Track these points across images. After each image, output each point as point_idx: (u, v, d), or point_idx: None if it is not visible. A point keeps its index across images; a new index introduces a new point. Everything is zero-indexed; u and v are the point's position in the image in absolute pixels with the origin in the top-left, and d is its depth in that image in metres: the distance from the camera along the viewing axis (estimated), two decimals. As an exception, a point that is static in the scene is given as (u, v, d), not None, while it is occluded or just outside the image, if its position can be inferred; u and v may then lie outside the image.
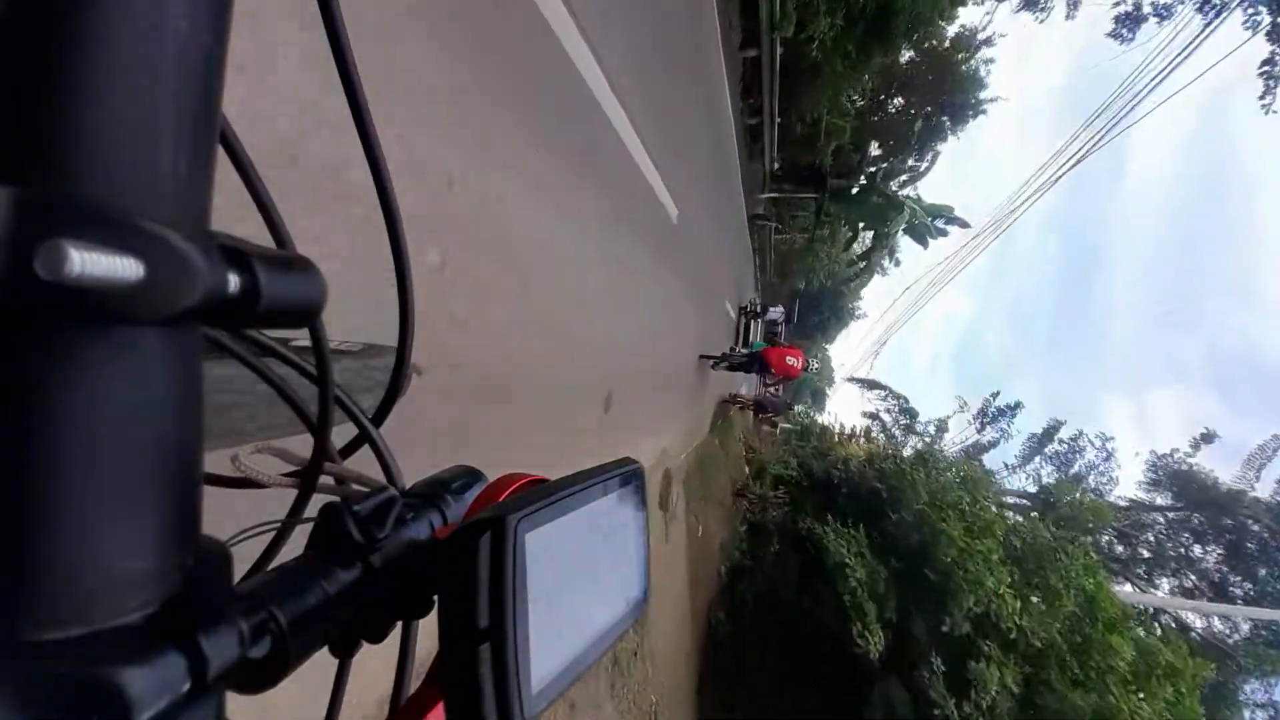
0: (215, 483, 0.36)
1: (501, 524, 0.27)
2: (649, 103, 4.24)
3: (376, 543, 0.32)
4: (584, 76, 3.01)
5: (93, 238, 0.16)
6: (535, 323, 2.76)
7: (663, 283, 5.71)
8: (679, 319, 7.05)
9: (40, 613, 0.19)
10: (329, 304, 0.25)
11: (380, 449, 0.42)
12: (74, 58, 0.17)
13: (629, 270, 4.40)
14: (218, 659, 0.22)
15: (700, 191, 7.33)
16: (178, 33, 0.19)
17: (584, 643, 0.33)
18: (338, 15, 0.30)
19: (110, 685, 0.18)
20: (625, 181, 4.06)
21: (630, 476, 0.38)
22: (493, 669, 0.27)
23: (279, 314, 0.22)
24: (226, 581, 0.25)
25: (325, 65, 0.32)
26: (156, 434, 0.21)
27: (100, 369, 0.19)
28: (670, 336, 6.51)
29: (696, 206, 6.80)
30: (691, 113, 6.43)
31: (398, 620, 0.34)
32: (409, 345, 0.39)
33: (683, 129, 5.92)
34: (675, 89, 5.47)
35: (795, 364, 9.18)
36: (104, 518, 0.20)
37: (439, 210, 1.93)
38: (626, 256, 4.27)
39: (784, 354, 9.37)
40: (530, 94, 2.50)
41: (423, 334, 0.40)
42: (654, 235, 5.10)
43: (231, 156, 0.30)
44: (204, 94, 0.21)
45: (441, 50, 1.87)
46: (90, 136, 0.18)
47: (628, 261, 4.32)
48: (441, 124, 1.91)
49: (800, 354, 9.42)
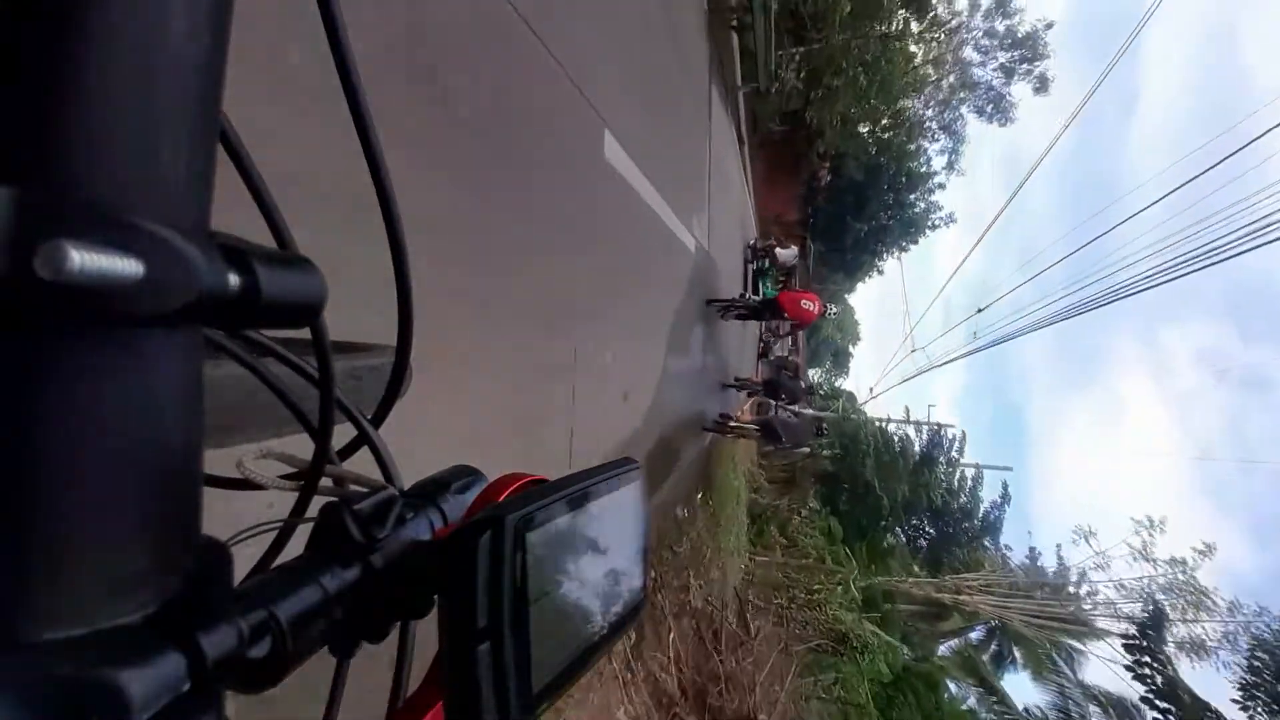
0: (215, 484, 0.36)
1: (501, 524, 0.27)
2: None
3: (376, 543, 0.32)
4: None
5: (93, 237, 0.16)
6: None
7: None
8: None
9: (40, 613, 0.19)
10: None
11: (379, 450, 0.42)
12: (74, 58, 0.17)
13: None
14: (218, 659, 0.22)
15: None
16: (178, 33, 0.19)
17: (584, 643, 0.33)
18: (338, 15, 0.30)
19: (110, 685, 0.18)
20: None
21: (630, 476, 0.38)
22: (492, 669, 0.27)
23: (279, 313, 0.22)
24: (226, 581, 0.25)
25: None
26: (156, 434, 0.21)
27: (100, 369, 0.19)
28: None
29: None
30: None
31: (398, 620, 0.34)
32: (409, 345, 0.39)
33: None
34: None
35: (811, 307, 8.32)
36: (104, 518, 0.20)
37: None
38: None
39: (799, 298, 8.50)
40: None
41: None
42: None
43: (232, 156, 0.30)
44: (204, 94, 0.21)
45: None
46: (90, 136, 0.18)
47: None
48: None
49: (816, 297, 8.59)
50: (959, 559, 16.73)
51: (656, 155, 5.07)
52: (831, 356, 39.97)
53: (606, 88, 3.66)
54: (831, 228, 20.35)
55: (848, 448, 15.91)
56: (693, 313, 7.09)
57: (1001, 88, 20.60)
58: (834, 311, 11.19)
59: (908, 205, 21.14)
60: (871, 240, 21.30)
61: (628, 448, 4.24)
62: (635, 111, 4.46)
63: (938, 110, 21.58)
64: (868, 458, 15.68)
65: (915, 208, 21.55)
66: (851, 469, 15.48)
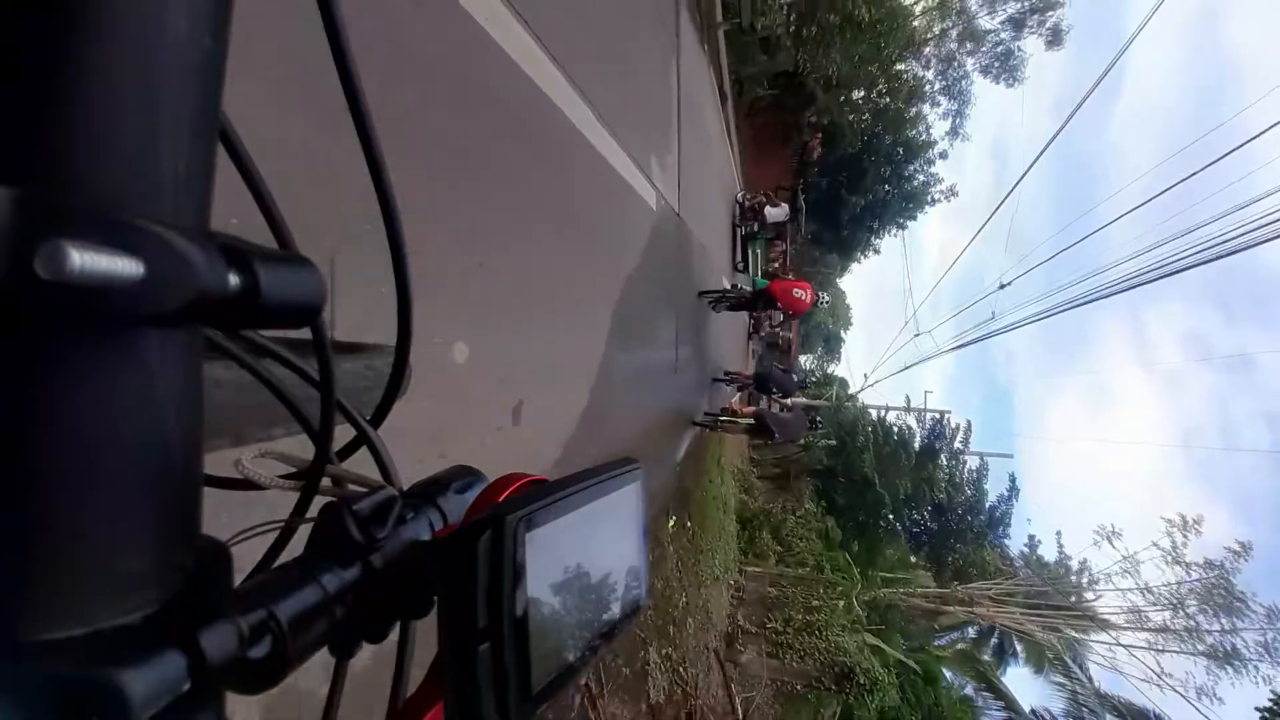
0: (215, 484, 0.36)
1: (501, 524, 0.27)
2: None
3: (376, 543, 0.32)
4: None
5: (93, 238, 0.16)
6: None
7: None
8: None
9: (40, 613, 0.19)
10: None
11: (379, 451, 0.42)
12: (75, 59, 0.17)
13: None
14: (218, 659, 0.22)
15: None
16: (178, 33, 0.19)
17: (584, 643, 0.33)
18: (338, 15, 0.30)
19: (110, 685, 0.18)
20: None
21: (630, 477, 0.38)
22: (492, 669, 0.27)
23: (279, 313, 0.22)
24: (226, 581, 0.25)
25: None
26: (156, 434, 0.21)
27: (100, 369, 0.19)
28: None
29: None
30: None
31: (397, 620, 0.34)
32: (408, 345, 0.39)
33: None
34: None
35: (803, 296, 8.27)
36: (104, 518, 0.20)
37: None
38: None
39: (790, 286, 8.44)
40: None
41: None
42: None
43: (233, 155, 0.30)
44: (204, 94, 0.21)
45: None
46: (91, 137, 0.18)
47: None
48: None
49: (808, 286, 8.59)
50: (962, 556, 16.10)
51: (597, 70, 3.52)
52: (823, 342, 38.17)
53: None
54: (825, 204, 18.54)
55: (845, 441, 15.37)
56: (659, 289, 5.44)
57: (1011, 42, 18.82)
58: (826, 300, 10.42)
59: (906, 178, 19.68)
60: (868, 216, 19.84)
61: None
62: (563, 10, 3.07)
63: (940, 70, 19.57)
64: (866, 451, 15.07)
65: (914, 180, 19.97)
66: (849, 463, 14.98)
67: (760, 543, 10.32)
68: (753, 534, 10.48)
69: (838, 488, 15.10)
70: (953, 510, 16.94)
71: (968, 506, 17.16)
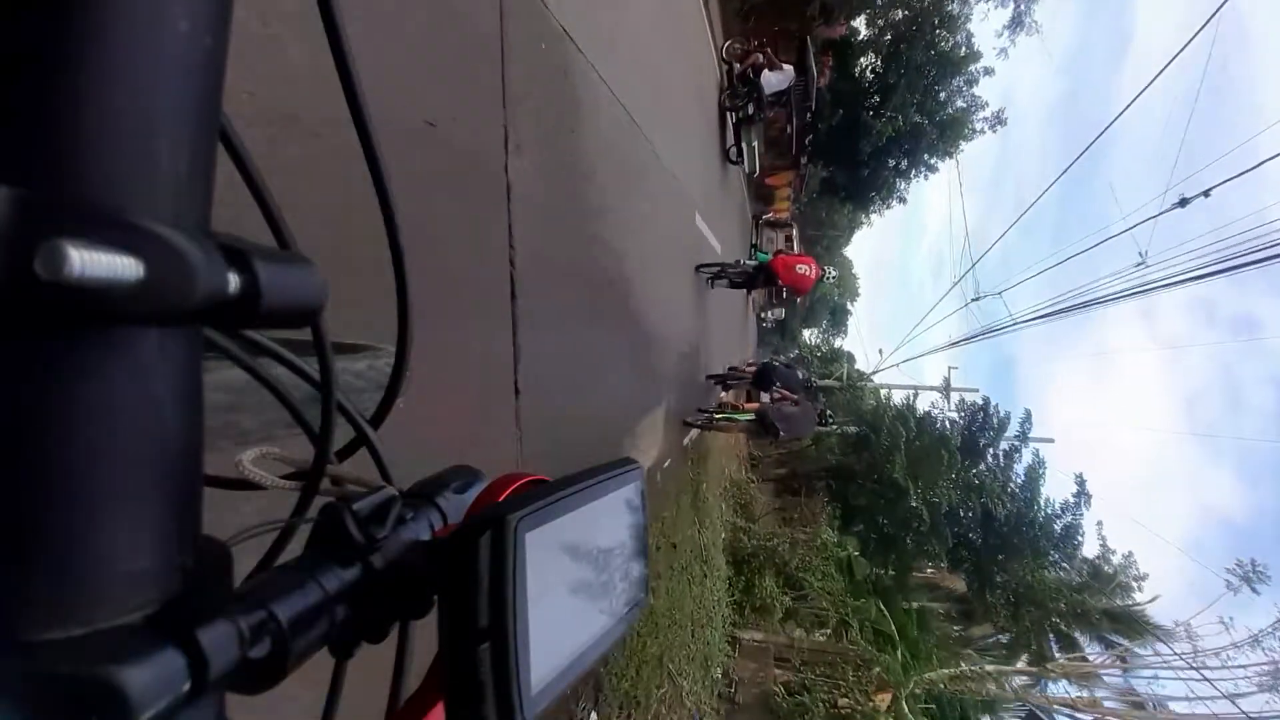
0: (215, 484, 0.36)
1: (501, 523, 0.27)
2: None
3: (376, 543, 0.32)
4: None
5: (93, 238, 0.16)
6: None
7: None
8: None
9: (40, 613, 0.19)
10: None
11: (378, 452, 0.42)
12: (74, 58, 0.17)
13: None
14: (218, 659, 0.22)
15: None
16: (178, 33, 0.19)
17: (584, 642, 0.33)
18: (338, 15, 0.30)
19: (110, 685, 0.18)
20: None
21: (630, 476, 0.38)
22: (493, 669, 0.27)
23: (280, 314, 0.22)
24: (227, 581, 0.25)
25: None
26: (156, 434, 0.21)
27: (100, 369, 0.19)
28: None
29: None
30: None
31: (397, 620, 0.34)
32: (408, 345, 0.39)
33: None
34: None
35: (807, 272, 7.46)
36: (104, 518, 0.20)
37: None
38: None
39: (793, 262, 7.62)
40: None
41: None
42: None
43: (233, 155, 0.30)
44: (204, 93, 0.21)
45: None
46: (90, 136, 0.18)
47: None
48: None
49: (812, 261, 7.76)
50: (1015, 578, 12.32)
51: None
52: (829, 315, 34.86)
53: None
54: (838, 138, 14.33)
55: (867, 438, 12.00)
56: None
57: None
58: (831, 275, 8.26)
59: (939, 104, 14.56)
60: (894, 149, 14.94)
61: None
62: None
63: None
64: (895, 451, 11.63)
65: (950, 105, 14.89)
66: (872, 464, 11.53)
67: (761, 590, 7.81)
68: (750, 580, 7.93)
69: (858, 493, 11.75)
70: (1002, 519, 13.00)
71: (1018, 514, 13.12)
